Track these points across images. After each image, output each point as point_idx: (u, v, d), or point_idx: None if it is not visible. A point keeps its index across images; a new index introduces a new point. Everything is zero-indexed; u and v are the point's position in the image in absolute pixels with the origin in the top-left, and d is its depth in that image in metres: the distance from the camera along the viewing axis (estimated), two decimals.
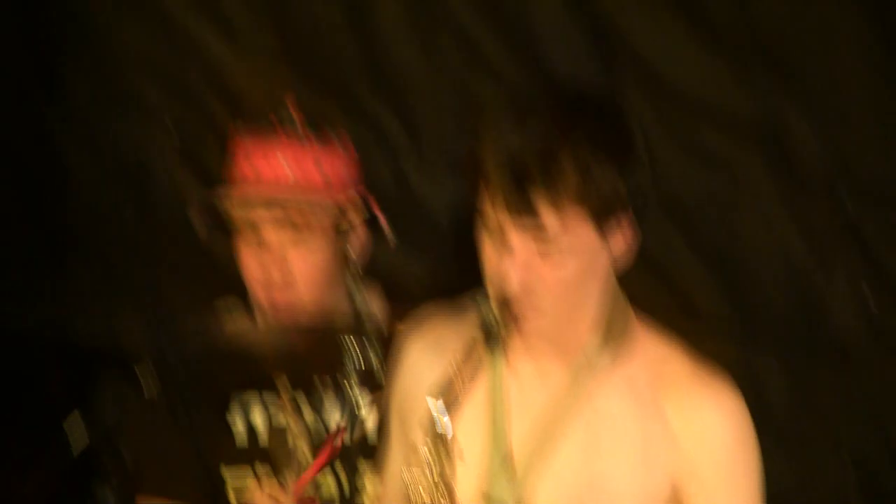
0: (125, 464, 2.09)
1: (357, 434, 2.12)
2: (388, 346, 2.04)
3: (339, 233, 2.23)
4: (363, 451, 2.12)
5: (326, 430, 2.21)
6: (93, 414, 2.12)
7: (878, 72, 3.08)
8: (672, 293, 3.33)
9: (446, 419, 1.72)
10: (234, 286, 2.61)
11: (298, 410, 2.23)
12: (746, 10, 3.17)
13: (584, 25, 3.53)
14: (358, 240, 2.27)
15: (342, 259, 2.25)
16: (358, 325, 2.16)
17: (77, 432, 2.06)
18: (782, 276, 2.93)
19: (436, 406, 1.72)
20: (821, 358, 2.88)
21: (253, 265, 2.21)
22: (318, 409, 2.24)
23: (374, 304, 2.32)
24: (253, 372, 2.24)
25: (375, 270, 2.42)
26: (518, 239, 1.73)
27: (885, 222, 3.07)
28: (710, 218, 3.42)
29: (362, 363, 2.10)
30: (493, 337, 1.74)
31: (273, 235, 2.18)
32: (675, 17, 3.38)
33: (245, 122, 2.28)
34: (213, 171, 3.24)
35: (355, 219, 2.25)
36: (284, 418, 2.23)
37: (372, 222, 2.28)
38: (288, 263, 2.18)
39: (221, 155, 2.74)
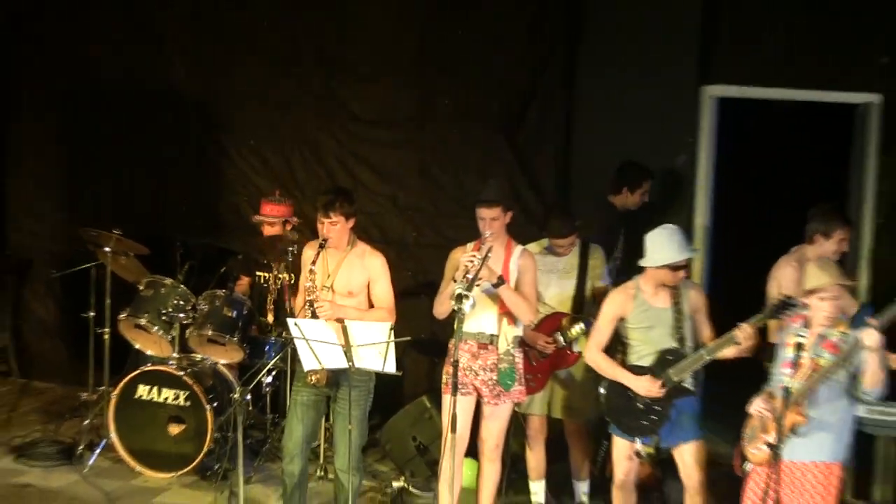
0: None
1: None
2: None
3: (285, 228, 8.80)
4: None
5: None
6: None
7: None
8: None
9: (313, 265, 7.14)
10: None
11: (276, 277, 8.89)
12: None
13: None
14: (291, 236, 8.68)
15: (287, 234, 8.74)
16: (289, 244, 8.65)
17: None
18: None
19: (310, 262, 7.26)
20: None
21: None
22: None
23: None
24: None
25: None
26: (325, 222, 7.07)
27: None
28: None
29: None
30: (323, 246, 7.16)
31: (266, 227, 8.84)
32: None
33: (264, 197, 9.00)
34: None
35: (293, 227, 8.83)
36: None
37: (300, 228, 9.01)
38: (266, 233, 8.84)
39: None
